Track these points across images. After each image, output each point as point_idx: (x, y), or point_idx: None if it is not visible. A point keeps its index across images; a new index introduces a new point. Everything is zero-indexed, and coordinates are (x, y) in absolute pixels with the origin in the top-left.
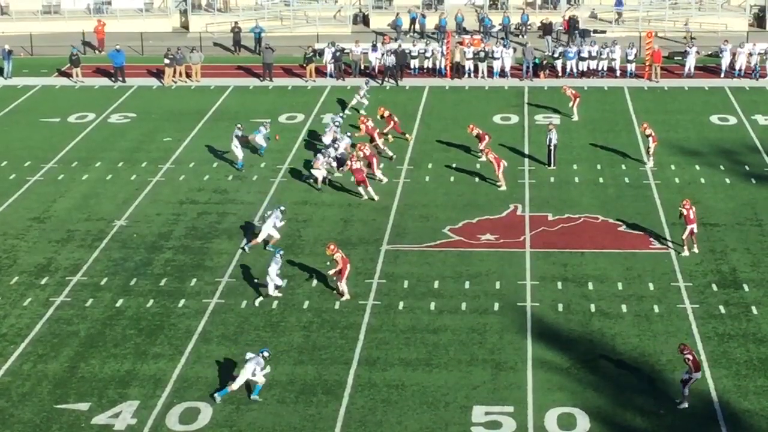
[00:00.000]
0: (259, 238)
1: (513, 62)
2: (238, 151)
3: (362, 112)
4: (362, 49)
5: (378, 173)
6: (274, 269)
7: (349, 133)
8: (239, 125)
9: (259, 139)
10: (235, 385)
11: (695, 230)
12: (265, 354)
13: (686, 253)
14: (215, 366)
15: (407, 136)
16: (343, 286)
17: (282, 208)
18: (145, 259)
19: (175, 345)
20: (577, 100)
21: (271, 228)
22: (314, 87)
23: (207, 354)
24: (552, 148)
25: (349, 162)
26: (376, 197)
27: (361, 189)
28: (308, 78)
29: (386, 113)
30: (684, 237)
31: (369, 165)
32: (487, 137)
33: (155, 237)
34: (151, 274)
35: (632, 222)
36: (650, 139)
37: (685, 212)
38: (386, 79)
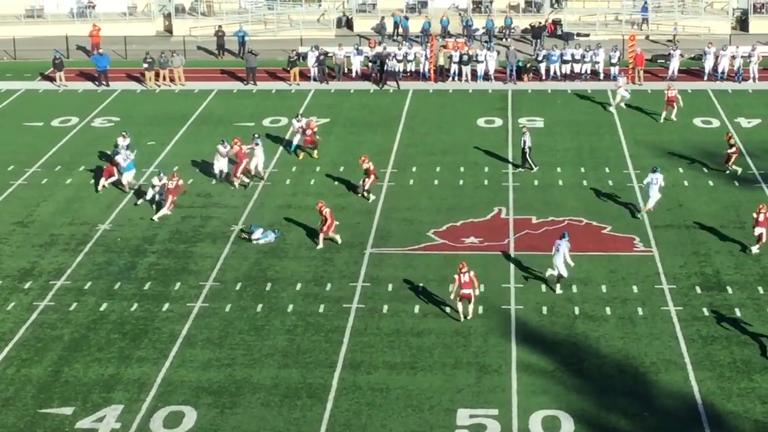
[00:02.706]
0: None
1: (497, 65)
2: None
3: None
4: (345, 52)
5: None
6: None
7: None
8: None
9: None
10: None
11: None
12: None
13: (756, 250)
14: (199, 370)
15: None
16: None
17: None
18: (128, 263)
19: (159, 349)
20: (674, 106)
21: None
22: (298, 91)
23: (191, 358)
24: (527, 150)
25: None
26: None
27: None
28: (292, 82)
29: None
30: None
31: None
32: (373, 176)
33: (139, 241)
34: (134, 278)
35: (616, 225)
36: (733, 149)
37: (754, 215)
38: (382, 83)
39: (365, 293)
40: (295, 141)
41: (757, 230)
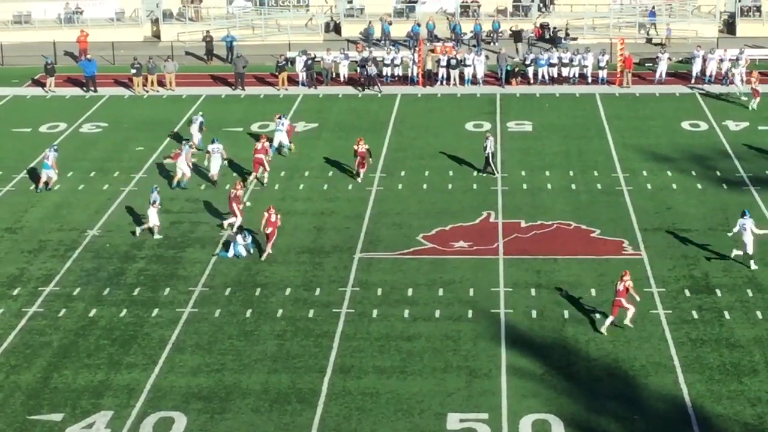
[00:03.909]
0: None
1: (486, 69)
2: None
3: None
4: (333, 57)
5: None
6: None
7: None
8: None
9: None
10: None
11: None
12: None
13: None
14: (189, 375)
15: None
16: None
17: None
18: (117, 269)
19: (148, 355)
20: (757, 98)
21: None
22: (286, 95)
23: (181, 363)
24: (488, 155)
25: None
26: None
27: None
28: (280, 87)
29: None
30: None
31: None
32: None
33: (128, 246)
34: (124, 284)
35: (605, 228)
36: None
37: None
38: (366, 87)
39: (355, 298)
40: (276, 141)
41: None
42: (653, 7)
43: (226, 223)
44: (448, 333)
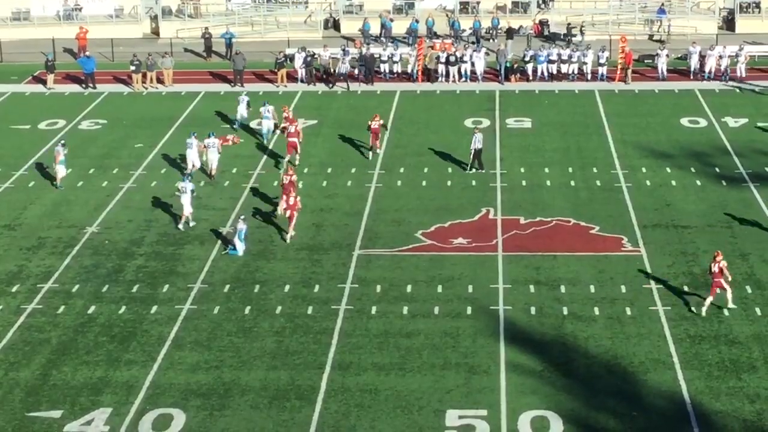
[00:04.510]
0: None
1: (485, 66)
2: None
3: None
4: (331, 53)
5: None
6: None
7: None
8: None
9: (191, 154)
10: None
11: None
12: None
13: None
14: (188, 372)
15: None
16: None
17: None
18: (116, 266)
19: (147, 351)
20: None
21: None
22: (285, 92)
23: (179, 360)
24: (473, 150)
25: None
26: None
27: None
28: (279, 83)
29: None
30: None
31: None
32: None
33: (127, 243)
34: (123, 281)
35: (604, 225)
36: None
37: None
38: (359, 84)
39: (353, 295)
40: (264, 127)
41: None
42: (662, 4)
43: (280, 209)
44: (447, 330)
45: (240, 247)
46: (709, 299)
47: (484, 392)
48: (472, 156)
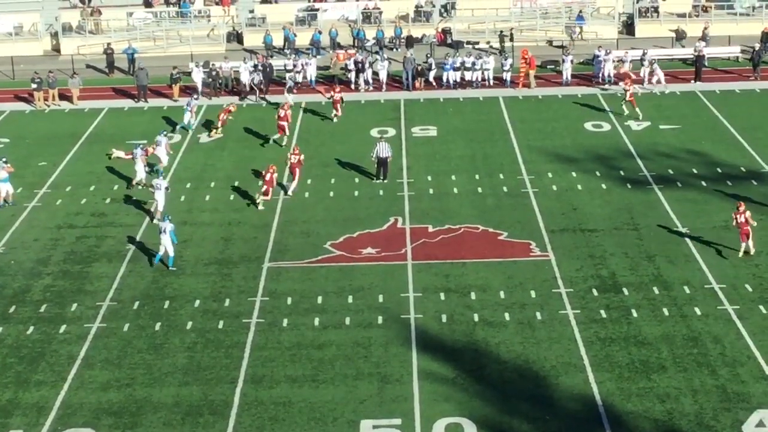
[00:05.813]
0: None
1: (390, 74)
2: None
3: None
4: (232, 66)
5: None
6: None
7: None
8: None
9: (159, 151)
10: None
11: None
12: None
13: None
14: (99, 391)
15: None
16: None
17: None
18: (23, 286)
19: (57, 371)
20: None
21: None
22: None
23: (90, 379)
24: (375, 159)
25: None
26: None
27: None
28: (175, 98)
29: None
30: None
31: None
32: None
33: (33, 263)
34: (30, 301)
35: (512, 231)
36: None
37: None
38: (257, 96)
39: (264, 308)
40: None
41: None
42: (580, 12)
43: (290, 190)
44: (358, 340)
45: (171, 248)
46: (743, 245)
47: (397, 401)
48: (376, 165)
